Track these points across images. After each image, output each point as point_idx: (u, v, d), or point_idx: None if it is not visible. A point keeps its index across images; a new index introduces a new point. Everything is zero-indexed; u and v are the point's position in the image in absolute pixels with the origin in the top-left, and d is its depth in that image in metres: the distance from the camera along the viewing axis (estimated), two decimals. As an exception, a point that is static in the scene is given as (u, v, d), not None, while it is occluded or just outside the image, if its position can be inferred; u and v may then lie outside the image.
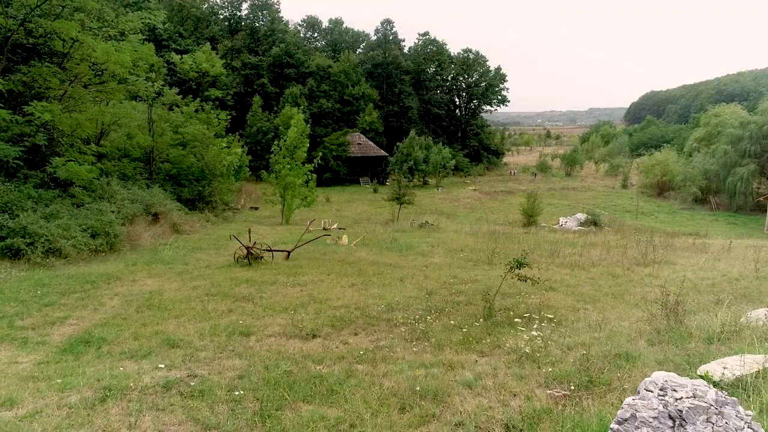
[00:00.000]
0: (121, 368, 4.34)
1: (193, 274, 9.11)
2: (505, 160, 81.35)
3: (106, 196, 15.05)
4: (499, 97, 75.70)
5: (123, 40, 17.22)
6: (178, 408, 3.41)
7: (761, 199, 37.22)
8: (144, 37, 19.23)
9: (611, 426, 2.13)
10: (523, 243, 14.14)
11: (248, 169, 36.81)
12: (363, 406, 3.35)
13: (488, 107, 76.20)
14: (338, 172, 51.64)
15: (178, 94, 26.45)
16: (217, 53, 45.25)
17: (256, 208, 31.92)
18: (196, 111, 27.74)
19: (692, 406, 2.03)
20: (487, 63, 73.63)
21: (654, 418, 2.03)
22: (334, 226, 21.17)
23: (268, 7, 66.14)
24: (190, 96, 30.18)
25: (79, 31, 14.34)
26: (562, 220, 31.14)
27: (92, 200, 14.13)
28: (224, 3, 65.98)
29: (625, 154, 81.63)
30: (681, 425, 2.01)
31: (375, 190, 46.75)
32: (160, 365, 4.39)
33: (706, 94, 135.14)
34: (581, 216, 31.04)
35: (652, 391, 2.14)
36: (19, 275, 8.83)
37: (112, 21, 17.41)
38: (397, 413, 3.26)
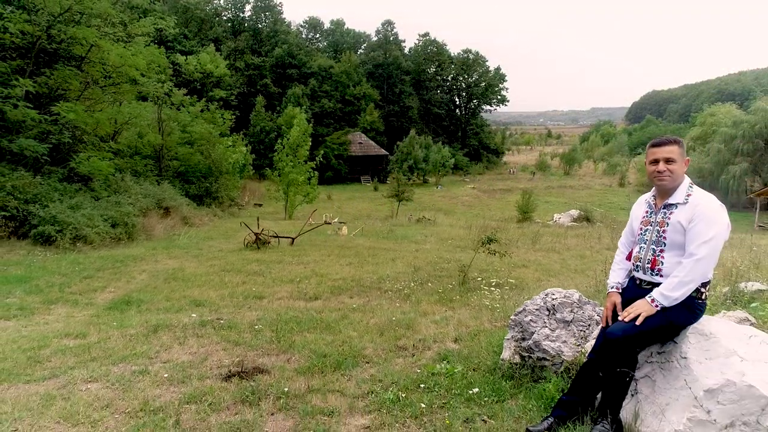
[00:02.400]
0: (162, 317, 5.43)
1: (208, 256, 10.20)
2: (505, 159, 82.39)
3: (121, 190, 16.15)
4: (499, 97, 76.72)
5: (130, 41, 18.27)
6: (213, 335, 4.49)
7: (752, 195, 38.20)
8: (150, 38, 20.27)
9: (511, 317, 3.21)
10: (510, 233, 15.21)
11: (252, 168, 37.92)
12: (353, 333, 4.43)
13: (488, 107, 77.23)
14: (340, 170, 52.76)
15: (185, 95, 27.56)
16: (220, 54, 46.41)
17: (260, 205, 33.08)
18: (202, 111, 28.90)
19: (561, 302, 3.10)
20: (487, 63, 74.71)
21: (536, 309, 3.10)
22: (335, 220, 22.24)
23: (270, 8, 67.26)
24: (195, 96, 31.29)
25: (97, 37, 15.44)
26: (556, 216, 32.14)
27: (109, 194, 15.26)
28: (227, 5, 67.15)
29: (624, 153, 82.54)
30: (553, 313, 3.08)
31: (376, 189, 47.85)
32: (192, 315, 5.48)
33: (708, 93, 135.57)
34: (574, 212, 32.03)
35: (540, 296, 3.22)
36: (55, 257, 9.94)
37: (120, 23, 18.47)
38: (377, 335, 4.33)
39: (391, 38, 72.05)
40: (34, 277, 7.73)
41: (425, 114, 70.60)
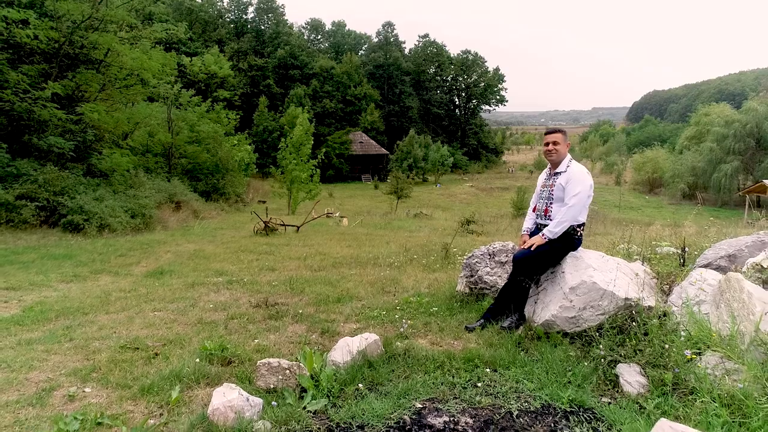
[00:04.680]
0: (194, 279, 6.61)
1: (222, 240, 11.40)
2: (504, 158, 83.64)
3: (136, 185, 17.36)
4: (498, 97, 77.75)
5: (136, 43, 19.40)
6: (240, 288, 5.67)
7: (741, 193, 39.31)
8: (156, 40, 21.36)
9: (463, 261, 4.38)
10: (500, 225, 16.42)
11: (255, 166, 39.11)
12: (350, 285, 5.61)
13: (487, 107, 78.31)
14: (341, 169, 53.96)
15: (193, 96, 28.76)
16: (224, 55, 47.61)
17: (264, 202, 34.26)
18: (208, 111, 30.16)
19: (499, 249, 4.28)
20: (486, 64, 75.83)
21: (481, 254, 4.27)
22: (336, 214, 23.43)
23: (273, 10, 68.46)
24: (200, 96, 32.54)
25: (116, 42, 16.66)
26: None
27: (125, 188, 16.47)
28: (231, 7, 68.39)
29: (623, 152, 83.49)
30: (493, 257, 4.26)
31: (376, 187, 49.04)
32: (218, 278, 6.66)
33: (708, 93, 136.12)
34: (567, 208, 33.10)
35: (485, 246, 4.40)
36: (86, 241, 11.14)
37: (127, 25, 19.60)
38: (369, 286, 5.51)
39: (392, 39, 73.26)
40: (75, 254, 8.93)
41: (425, 114, 71.77)
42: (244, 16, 68.36)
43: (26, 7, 14.85)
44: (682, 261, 4.39)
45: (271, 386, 2.64)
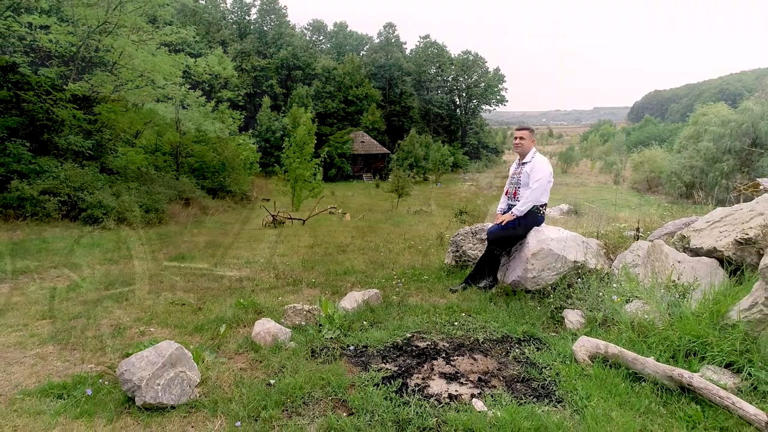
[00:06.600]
0: (215, 261, 7.43)
1: (234, 233, 12.23)
2: (505, 158, 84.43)
3: (147, 182, 18.19)
4: (498, 97, 78.44)
5: (141, 44, 20.14)
6: (258, 267, 6.49)
7: (734, 194, 40.12)
8: (164, 42, 22.11)
9: (450, 239, 5.18)
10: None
11: (258, 165, 39.93)
12: (354, 263, 6.43)
13: (487, 107, 79.06)
14: (343, 168, 54.79)
15: (199, 96, 29.58)
16: (227, 56, 48.46)
17: (267, 200, 35.12)
18: (212, 111, 31.05)
19: (480, 229, 5.08)
20: (486, 64, 76.55)
21: (465, 233, 5.08)
22: (339, 211, 24.26)
23: (275, 11, 69.31)
24: (204, 97, 33.36)
25: (129, 46, 17.49)
26: (546, 210, 33.93)
27: (138, 185, 17.30)
28: (234, 8, 69.27)
29: (623, 152, 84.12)
30: (475, 235, 5.05)
31: (377, 186, 49.83)
32: (237, 260, 7.48)
33: (709, 93, 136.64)
34: (564, 207, 33.89)
35: (469, 227, 5.19)
36: (107, 233, 11.96)
37: (141, 29, 20.38)
38: (369, 263, 6.33)
39: (393, 40, 74.09)
40: (101, 243, 9.76)
41: (426, 114, 72.57)
42: (246, 17, 69.23)
43: (44, 12, 15.67)
44: (636, 238, 5.20)
45: (296, 323, 3.45)
